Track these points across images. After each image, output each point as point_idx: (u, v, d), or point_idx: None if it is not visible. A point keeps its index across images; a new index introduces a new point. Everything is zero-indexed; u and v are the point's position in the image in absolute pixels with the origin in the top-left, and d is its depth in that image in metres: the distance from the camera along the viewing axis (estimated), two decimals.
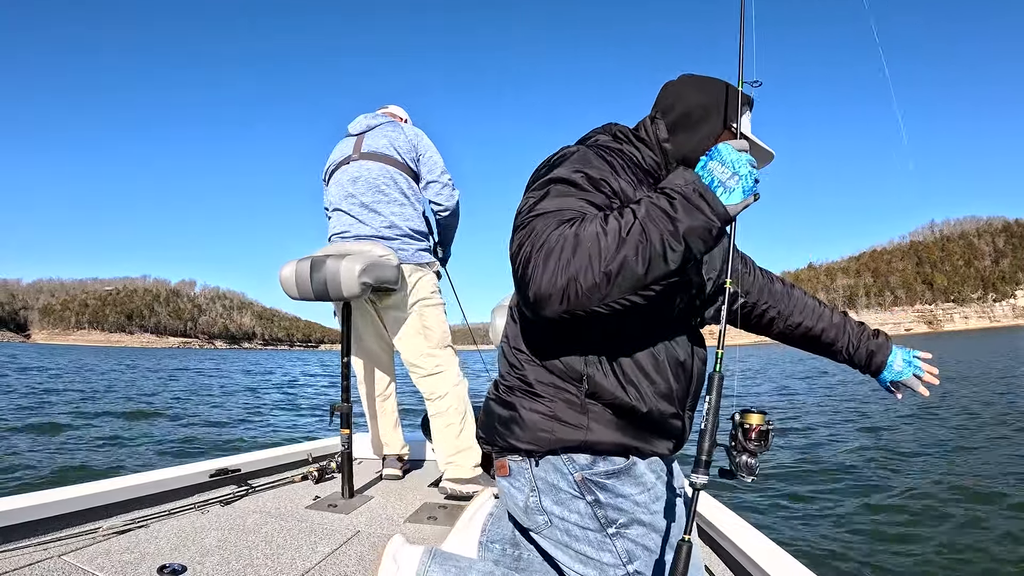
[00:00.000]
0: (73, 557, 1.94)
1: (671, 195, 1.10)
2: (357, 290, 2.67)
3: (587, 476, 1.29)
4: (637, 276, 1.06)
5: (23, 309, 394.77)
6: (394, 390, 3.35)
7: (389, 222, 2.97)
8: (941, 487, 5.89)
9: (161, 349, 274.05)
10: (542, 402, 1.32)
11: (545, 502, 1.32)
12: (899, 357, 1.72)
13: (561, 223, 1.11)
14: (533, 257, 1.09)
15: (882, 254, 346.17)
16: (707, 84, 1.48)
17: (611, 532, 1.28)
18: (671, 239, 1.06)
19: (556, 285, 1.06)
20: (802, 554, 3.77)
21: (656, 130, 1.45)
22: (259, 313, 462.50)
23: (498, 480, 1.45)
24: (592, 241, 1.06)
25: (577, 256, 1.06)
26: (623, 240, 1.06)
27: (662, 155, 1.44)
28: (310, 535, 2.30)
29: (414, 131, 3.20)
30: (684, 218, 1.07)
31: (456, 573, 1.35)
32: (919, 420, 10.20)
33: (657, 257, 1.06)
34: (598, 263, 1.05)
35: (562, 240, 1.07)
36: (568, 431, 1.28)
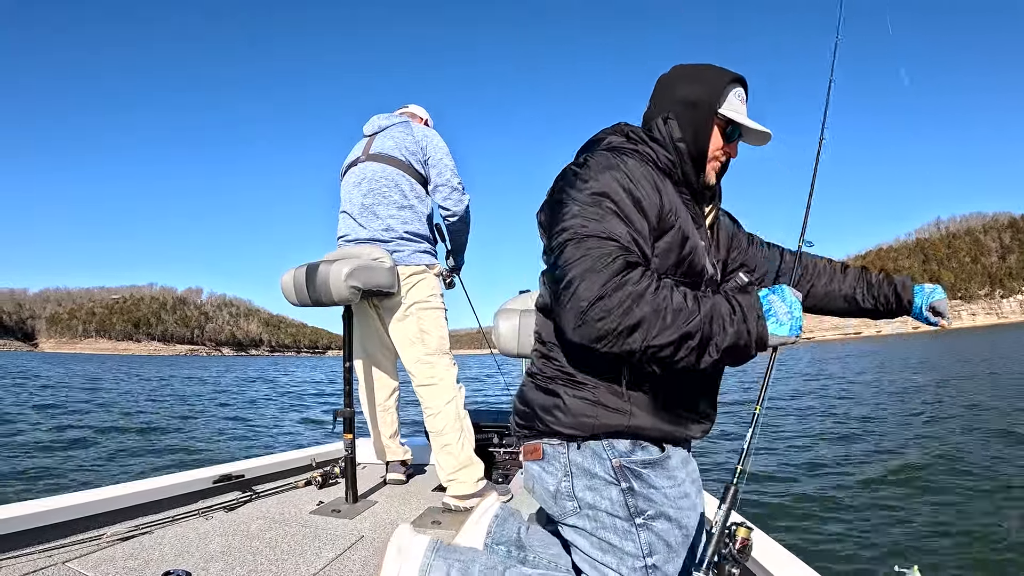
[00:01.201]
0: (77, 564, 1.94)
1: (734, 306, 1.19)
2: (347, 294, 2.66)
3: (624, 463, 1.34)
4: (668, 359, 1.18)
5: (30, 318, 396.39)
6: (397, 395, 3.34)
7: (386, 225, 2.95)
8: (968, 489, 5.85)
9: (169, 357, 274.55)
10: (586, 389, 1.37)
11: (577, 486, 1.37)
12: (925, 285, 1.84)
13: (621, 262, 1.18)
14: (597, 288, 1.15)
15: (888, 252, 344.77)
16: (699, 74, 1.51)
17: (639, 522, 1.32)
18: (713, 348, 1.17)
19: (605, 328, 1.15)
20: (802, 553, 3.75)
21: (670, 130, 1.48)
22: (266, 320, 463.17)
23: (527, 465, 1.49)
24: (656, 311, 1.14)
25: (637, 313, 1.14)
26: (680, 326, 1.15)
27: (676, 154, 1.47)
28: (314, 540, 2.30)
29: (424, 132, 3.12)
30: (732, 333, 1.18)
31: (459, 567, 1.35)
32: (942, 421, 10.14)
33: (693, 355, 1.18)
34: (651, 333, 1.15)
35: (632, 294, 1.14)
36: (612, 416, 1.34)
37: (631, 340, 1.15)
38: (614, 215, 1.25)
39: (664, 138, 1.48)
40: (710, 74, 1.50)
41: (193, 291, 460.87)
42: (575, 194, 1.30)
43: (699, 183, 1.51)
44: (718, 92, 1.47)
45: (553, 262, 1.27)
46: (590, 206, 1.26)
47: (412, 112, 3.41)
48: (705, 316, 1.17)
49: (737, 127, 1.49)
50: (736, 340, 1.18)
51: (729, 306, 1.20)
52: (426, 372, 2.93)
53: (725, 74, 1.50)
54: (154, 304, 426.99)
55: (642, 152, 1.45)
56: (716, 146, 1.50)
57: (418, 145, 3.06)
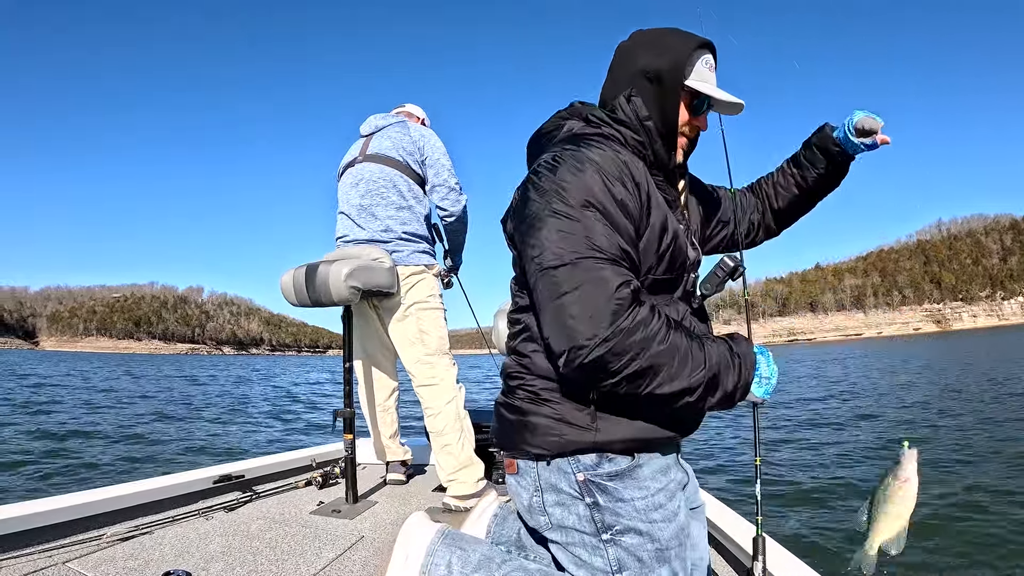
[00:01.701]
0: (77, 564, 1.94)
1: (735, 362, 1.23)
2: (346, 294, 2.67)
3: (589, 477, 1.27)
4: (663, 402, 1.20)
5: (31, 316, 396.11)
6: (397, 395, 3.34)
7: (385, 226, 2.95)
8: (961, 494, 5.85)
9: (170, 355, 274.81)
10: (549, 406, 1.30)
11: (547, 502, 1.32)
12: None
13: (626, 294, 1.14)
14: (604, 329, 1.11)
15: (889, 253, 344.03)
16: (661, 41, 1.39)
17: (605, 538, 1.26)
18: (709, 399, 1.21)
19: (609, 371, 1.13)
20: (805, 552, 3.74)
21: (635, 108, 1.38)
22: (266, 319, 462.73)
23: (507, 477, 1.45)
24: (665, 361, 1.14)
25: (646, 361, 1.13)
26: (686, 379, 1.16)
27: (646, 134, 1.37)
28: (314, 541, 2.31)
29: (421, 132, 3.12)
30: (726, 392, 1.22)
31: (460, 555, 1.34)
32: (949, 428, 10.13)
33: (688, 404, 1.20)
34: (655, 382, 1.15)
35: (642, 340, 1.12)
36: (577, 433, 1.28)
37: (632, 386, 1.15)
38: (601, 225, 1.17)
39: (630, 118, 1.37)
40: (674, 41, 1.38)
41: (194, 290, 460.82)
42: (554, 204, 1.18)
43: (671, 162, 1.42)
44: (684, 62, 1.35)
45: (542, 289, 1.18)
46: (572, 219, 1.16)
47: (409, 112, 3.40)
48: (711, 370, 1.18)
49: (706, 99, 1.39)
50: (729, 396, 1.23)
51: (730, 361, 1.22)
52: (426, 372, 2.93)
53: (691, 40, 1.38)
54: (155, 303, 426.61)
55: (607, 135, 1.35)
56: (684, 121, 1.40)
57: (415, 145, 3.05)
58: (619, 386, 1.15)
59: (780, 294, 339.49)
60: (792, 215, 1.82)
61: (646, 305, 1.16)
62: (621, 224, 1.19)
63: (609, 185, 1.20)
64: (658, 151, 1.38)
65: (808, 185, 1.74)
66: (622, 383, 1.14)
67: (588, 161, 1.22)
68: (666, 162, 1.40)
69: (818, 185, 1.73)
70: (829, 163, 1.68)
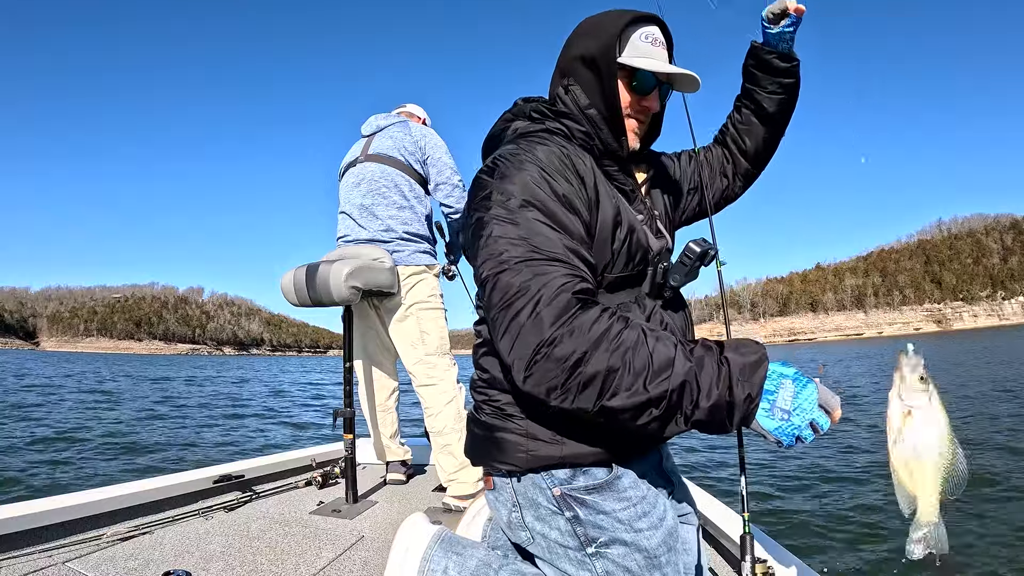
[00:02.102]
0: (77, 564, 1.94)
1: (720, 370, 0.99)
2: (347, 294, 2.67)
3: (566, 491, 1.22)
4: (627, 423, 1.02)
5: (32, 317, 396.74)
6: (397, 395, 3.34)
7: (386, 225, 2.95)
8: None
9: (170, 356, 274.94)
10: (514, 421, 1.25)
11: (527, 517, 1.28)
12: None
13: (567, 297, 1.03)
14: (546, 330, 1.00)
15: (890, 253, 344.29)
16: (595, 23, 1.33)
17: (590, 551, 1.21)
18: (681, 418, 1.00)
19: (553, 380, 1.01)
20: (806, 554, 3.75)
21: (574, 98, 1.32)
22: (267, 319, 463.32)
23: (486, 494, 1.42)
24: (615, 366, 0.98)
25: (592, 365, 0.98)
26: (643, 390, 0.98)
27: (589, 124, 1.31)
28: (314, 541, 2.30)
29: (422, 132, 3.12)
30: (706, 409, 0.98)
31: (457, 560, 1.31)
32: None
33: (656, 423, 1.01)
34: (607, 392, 0.99)
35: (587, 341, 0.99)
36: (544, 447, 1.22)
37: (582, 398, 1.00)
38: (543, 226, 1.10)
39: (571, 109, 1.32)
40: (606, 19, 1.31)
41: (194, 290, 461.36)
42: (493, 210, 1.12)
43: (623, 150, 1.33)
44: (614, 39, 1.28)
45: (487, 299, 1.10)
46: (513, 223, 1.10)
47: (410, 112, 3.41)
48: (677, 377, 0.98)
49: (648, 75, 1.30)
50: (710, 417, 0.99)
51: (715, 369, 0.99)
52: (426, 372, 2.93)
53: (623, 15, 1.30)
54: (155, 303, 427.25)
55: (552, 130, 1.30)
56: (628, 104, 1.32)
57: (416, 145, 3.06)
58: (567, 398, 1.01)
59: (781, 294, 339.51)
60: (764, 150, 1.67)
61: (594, 307, 1.05)
62: (566, 221, 1.13)
63: (550, 182, 1.15)
64: (605, 139, 1.31)
65: (766, 109, 1.60)
66: (569, 395, 1.00)
67: (526, 160, 1.17)
68: (616, 150, 1.32)
69: (776, 106, 1.59)
70: (772, 75, 1.55)
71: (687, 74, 1.31)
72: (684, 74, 1.31)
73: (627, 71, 1.29)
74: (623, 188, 1.34)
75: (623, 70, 1.29)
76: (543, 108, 1.35)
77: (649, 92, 1.32)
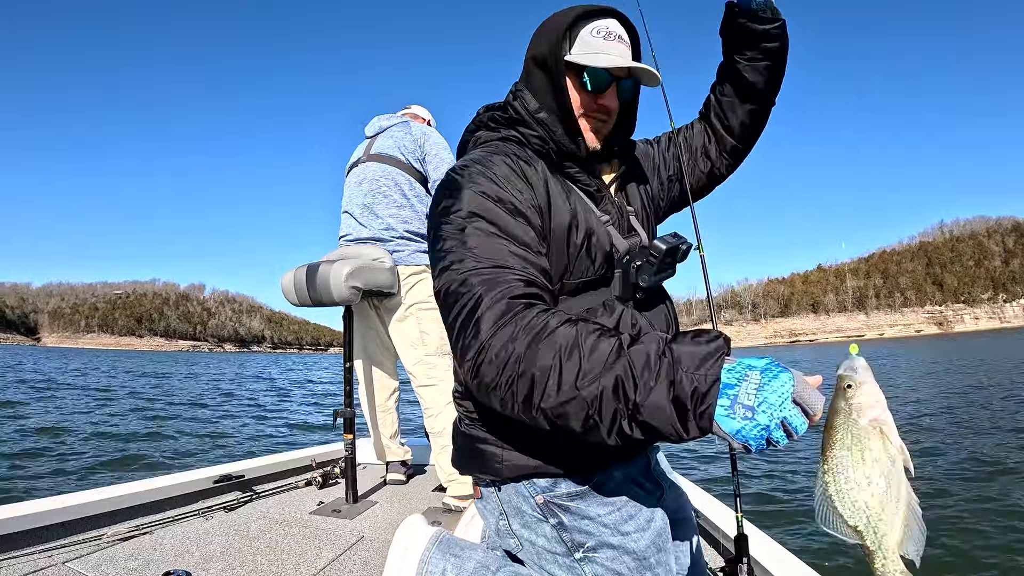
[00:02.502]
0: (77, 564, 1.95)
1: (662, 358, 0.87)
2: (347, 294, 2.67)
3: (548, 499, 1.21)
4: (575, 431, 0.93)
5: (33, 312, 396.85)
6: (397, 395, 3.34)
7: (386, 224, 2.96)
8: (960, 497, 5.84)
9: (171, 352, 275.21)
10: (489, 432, 1.25)
11: (514, 525, 1.28)
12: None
13: (504, 303, 0.99)
14: (483, 335, 0.97)
15: (891, 255, 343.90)
16: (545, 23, 1.28)
17: (579, 556, 1.20)
18: (627, 422, 0.88)
19: (491, 382, 0.96)
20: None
21: (523, 103, 1.29)
22: (268, 317, 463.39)
23: (475, 503, 1.42)
24: (546, 365, 0.90)
25: (520, 365, 0.92)
26: (573, 388, 0.89)
27: (542, 127, 1.26)
28: (314, 541, 2.31)
29: (422, 131, 3.13)
30: (648, 406, 0.85)
31: (455, 562, 1.31)
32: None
33: (601, 429, 0.90)
34: (538, 393, 0.92)
35: (513, 338, 0.94)
36: (519, 457, 1.21)
37: (521, 402, 0.94)
38: (490, 236, 1.08)
39: (522, 115, 1.28)
40: (555, 17, 1.27)
41: (195, 287, 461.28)
42: (443, 225, 1.12)
43: (581, 150, 1.28)
44: (563, 36, 1.24)
45: (440, 310, 1.10)
46: (460, 236, 1.08)
47: (414, 113, 3.42)
48: (610, 376, 0.87)
49: (599, 73, 1.24)
50: (653, 418, 0.85)
51: (655, 361, 0.86)
52: (426, 373, 2.94)
53: (572, 10, 1.25)
54: (156, 300, 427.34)
55: (507, 138, 1.28)
56: (581, 103, 1.27)
57: (416, 143, 3.07)
58: (508, 402, 0.96)
59: (782, 295, 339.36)
60: (751, 125, 1.55)
61: (534, 308, 0.99)
62: (513, 230, 1.10)
63: (498, 192, 1.13)
64: (560, 141, 1.26)
65: (748, 80, 1.46)
66: (509, 399, 0.95)
67: (475, 172, 1.16)
68: (574, 151, 1.27)
69: (759, 74, 1.45)
70: (751, 40, 1.41)
71: (645, 69, 1.25)
72: (643, 69, 1.25)
73: (576, 69, 1.24)
74: (587, 189, 1.30)
75: (572, 69, 1.25)
76: (497, 116, 1.33)
77: (604, 90, 1.26)
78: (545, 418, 0.93)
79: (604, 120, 1.30)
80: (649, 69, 1.25)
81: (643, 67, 1.24)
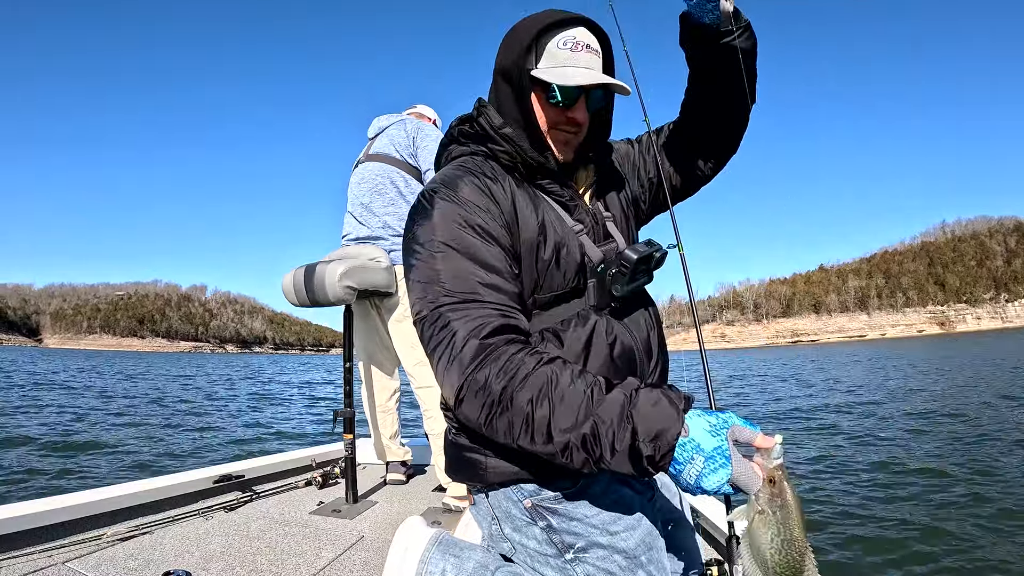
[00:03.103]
0: (78, 564, 1.95)
1: (629, 431, 0.94)
2: (342, 294, 2.68)
3: (536, 502, 1.22)
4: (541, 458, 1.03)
5: (35, 314, 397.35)
6: (398, 396, 3.34)
7: (383, 222, 2.97)
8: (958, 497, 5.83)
9: (173, 354, 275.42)
10: (473, 441, 1.26)
11: (506, 529, 1.29)
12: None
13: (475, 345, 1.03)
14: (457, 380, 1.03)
15: (893, 255, 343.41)
16: (512, 32, 1.25)
17: (569, 557, 1.21)
18: (591, 465, 0.98)
19: (474, 422, 1.05)
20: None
21: (488, 118, 1.26)
22: (270, 318, 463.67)
23: (469, 509, 1.44)
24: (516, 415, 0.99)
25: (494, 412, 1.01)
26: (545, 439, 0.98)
27: (508, 143, 1.24)
28: (314, 541, 2.31)
29: (416, 126, 3.14)
30: (613, 461, 0.96)
31: (454, 562, 1.31)
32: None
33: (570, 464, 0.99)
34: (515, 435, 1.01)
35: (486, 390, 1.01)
36: (502, 465, 1.23)
37: (503, 436, 1.03)
38: (461, 263, 1.10)
39: (488, 130, 1.26)
40: (520, 26, 1.23)
41: (197, 288, 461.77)
42: (416, 250, 1.15)
43: (550, 163, 1.26)
44: (527, 48, 1.20)
45: (420, 339, 1.14)
46: (431, 265, 1.11)
47: (420, 112, 3.44)
48: (579, 432, 0.96)
49: (567, 87, 1.20)
50: (620, 469, 0.96)
51: (618, 423, 0.95)
52: (425, 374, 2.94)
53: (538, 20, 1.21)
54: (158, 301, 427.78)
55: (476, 152, 1.28)
56: (547, 118, 1.25)
57: (409, 138, 3.08)
58: (488, 434, 1.06)
59: (784, 295, 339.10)
60: (732, 127, 1.46)
61: (510, 350, 1.03)
62: (483, 255, 1.12)
63: (466, 216, 1.14)
64: (528, 156, 1.24)
65: (721, 84, 1.36)
66: (488, 433, 1.05)
67: (444, 196, 1.16)
68: (543, 163, 1.25)
69: (731, 78, 1.32)
70: (714, 50, 1.30)
71: (617, 84, 1.22)
72: (616, 84, 1.22)
73: (543, 84, 1.21)
74: (560, 200, 1.29)
75: (538, 84, 1.22)
76: (466, 130, 1.32)
77: (572, 104, 1.22)
78: (519, 450, 1.03)
79: (574, 132, 1.28)
80: (619, 83, 1.22)
81: (612, 82, 1.21)
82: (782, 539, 0.92)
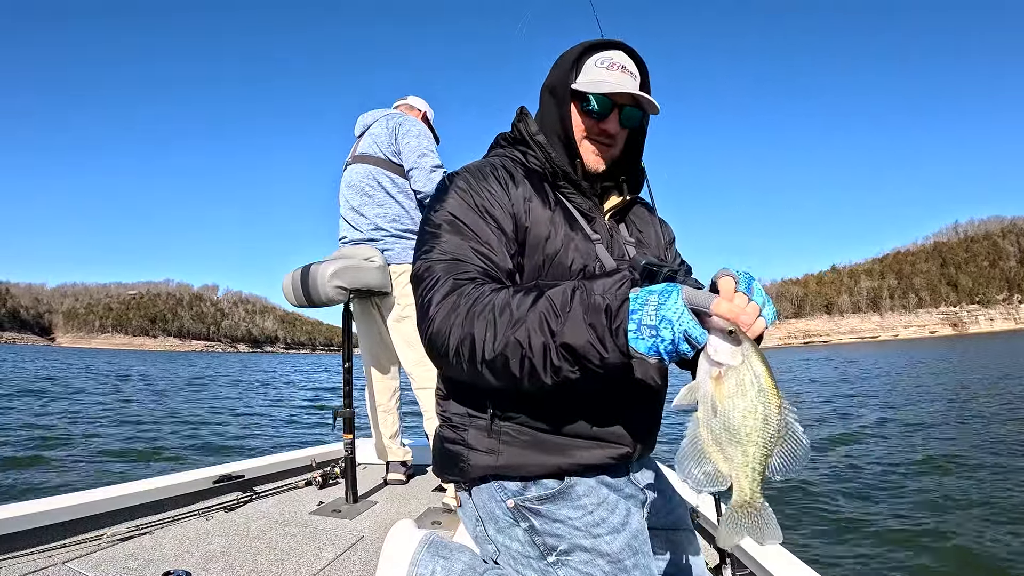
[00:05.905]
0: (77, 564, 1.96)
1: (578, 296, 1.02)
2: (332, 294, 2.70)
3: (519, 502, 1.24)
4: (518, 383, 1.05)
5: (47, 313, 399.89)
6: (398, 396, 3.35)
7: (373, 224, 2.96)
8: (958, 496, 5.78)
9: (184, 353, 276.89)
10: (457, 432, 1.30)
11: (490, 531, 1.30)
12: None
13: (449, 283, 1.13)
14: (431, 313, 1.12)
15: (906, 256, 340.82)
16: (562, 55, 1.39)
17: (551, 560, 1.21)
18: (554, 354, 1.00)
19: (441, 349, 1.10)
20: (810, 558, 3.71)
21: (525, 126, 1.41)
22: (281, 317, 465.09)
23: (457, 511, 1.45)
24: (478, 320, 1.06)
25: (461, 328, 1.07)
26: (505, 331, 1.03)
27: (540, 149, 1.37)
28: (314, 541, 2.32)
29: (398, 121, 3.08)
30: (569, 330, 0.99)
31: (443, 564, 1.32)
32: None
33: (538, 372, 1.02)
34: (478, 347, 1.05)
35: (453, 307, 1.09)
36: (482, 458, 1.25)
37: (469, 361, 1.07)
38: (459, 233, 1.21)
39: (524, 135, 1.40)
40: (567, 52, 1.38)
41: (209, 288, 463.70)
42: (428, 222, 1.27)
43: (579, 174, 1.38)
44: (568, 67, 1.34)
45: (414, 294, 1.23)
46: (436, 232, 1.23)
47: (410, 104, 3.37)
48: (535, 315, 1.02)
49: (600, 99, 1.32)
50: (580, 343, 0.97)
51: (570, 293, 1.02)
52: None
53: (582, 44, 1.37)
54: (170, 300, 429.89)
55: (510, 155, 1.41)
56: (581, 127, 1.36)
57: (391, 135, 3.03)
58: (461, 365, 1.08)
59: (795, 295, 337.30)
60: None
61: (477, 283, 1.14)
62: (480, 228, 1.22)
63: (473, 195, 1.26)
64: (557, 162, 1.35)
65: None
66: (459, 365, 1.08)
67: (459, 178, 1.31)
68: (568, 171, 1.35)
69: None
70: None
71: (644, 97, 1.32)
72: (642, 97, 1.32)
73: (579, 96, 1.34)
74: (580, 209, 1.37)
75: (576, 96, 1.35)
76: (507, 135, 1.47)
77: (606, 115, 1.34)
78: (491, 371, 1.06)
79: (607, 144, 1.38)
80: (647, 97, 1.32)
81: (641, 95, 1.31)
82: (757, 389, 0.88)
